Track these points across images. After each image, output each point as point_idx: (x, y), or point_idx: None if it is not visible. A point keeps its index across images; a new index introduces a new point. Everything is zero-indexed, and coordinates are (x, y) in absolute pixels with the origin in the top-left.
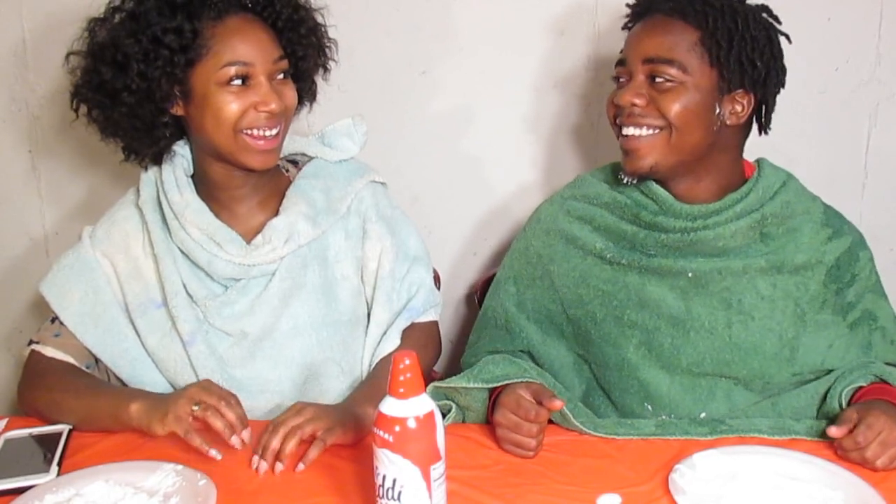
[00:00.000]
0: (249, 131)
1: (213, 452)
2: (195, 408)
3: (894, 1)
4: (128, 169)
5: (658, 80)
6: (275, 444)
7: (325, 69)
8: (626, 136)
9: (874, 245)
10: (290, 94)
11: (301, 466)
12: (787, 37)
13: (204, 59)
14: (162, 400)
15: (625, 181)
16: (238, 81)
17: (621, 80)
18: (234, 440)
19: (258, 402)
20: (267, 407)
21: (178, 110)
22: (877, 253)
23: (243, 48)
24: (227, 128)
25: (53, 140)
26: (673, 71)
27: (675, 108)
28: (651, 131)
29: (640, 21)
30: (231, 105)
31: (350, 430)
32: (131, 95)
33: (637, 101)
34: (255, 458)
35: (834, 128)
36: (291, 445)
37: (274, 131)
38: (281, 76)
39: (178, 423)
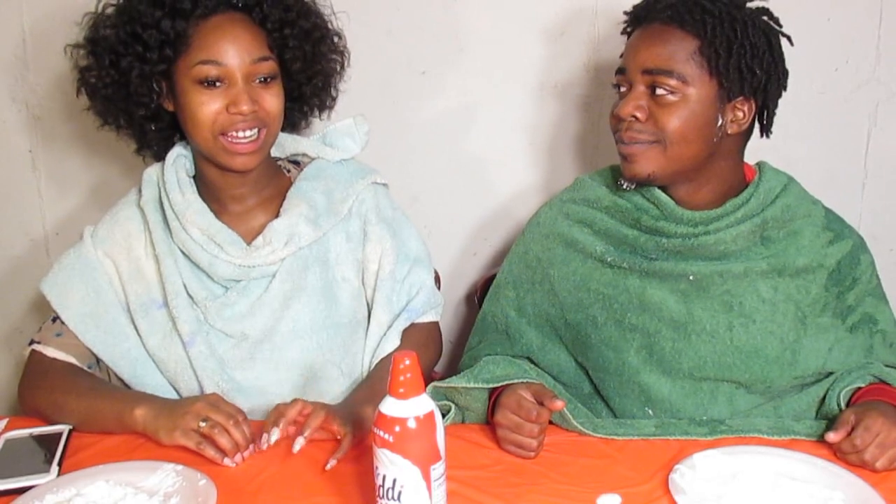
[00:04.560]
0: (227, 135)
1: (228, 461)
2: (202, 424)
3: (894, 1)
4: (128, 169)
5: (659, 91)
6: (291, 413)
7: (332, 76)
8: (624, 143)
9: (874, 245)
10: (271, 97)
11: (300, 441)
12: (789, 38)
13: (184, 56)
14: (169, 409)
15: (624, 186)
16: (214, 82)
17: (622, 88)
18: (237, 458)
19: (258, 404)
20: (266, 409)
21: (169, 105)
22: (876, 253)
23: (218, 47)
24: (205, 130)
25: (53, 140)
26: (672, 82)
27: (673, 123)
28: (646, 145)
29: (639, 29)
30: (205, 106)
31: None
32: (106, 87)
33: (638, 114)
34: (275, 429)
35: (834, 128)
36: (317, 421)
37: (250, 133)
38: (265, 79)
39: (186, 436)
